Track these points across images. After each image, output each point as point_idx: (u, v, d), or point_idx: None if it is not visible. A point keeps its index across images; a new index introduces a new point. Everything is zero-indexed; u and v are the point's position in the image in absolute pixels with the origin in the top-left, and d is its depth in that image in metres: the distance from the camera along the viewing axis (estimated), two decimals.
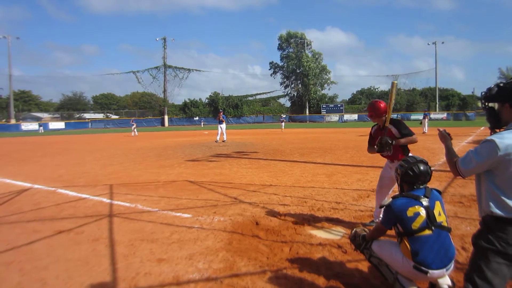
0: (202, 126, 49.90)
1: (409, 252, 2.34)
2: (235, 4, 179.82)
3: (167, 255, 3.48)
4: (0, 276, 3.14)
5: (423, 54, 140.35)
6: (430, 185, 2.60)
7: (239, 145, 16.27)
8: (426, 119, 22.96)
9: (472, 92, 63.28)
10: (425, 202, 2.38)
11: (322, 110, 60.14)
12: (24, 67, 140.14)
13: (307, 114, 61.42)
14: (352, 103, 66.60)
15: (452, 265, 2.35)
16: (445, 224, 2.38)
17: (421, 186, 2.51)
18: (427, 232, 2.31)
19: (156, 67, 57.88)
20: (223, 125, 18.47)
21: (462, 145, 14.06)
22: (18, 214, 5.19)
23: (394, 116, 4.41)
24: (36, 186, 7.43)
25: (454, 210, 4.81)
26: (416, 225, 2.31)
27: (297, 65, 62.26)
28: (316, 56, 62.75)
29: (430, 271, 2.26)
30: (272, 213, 4.84)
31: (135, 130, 30.25)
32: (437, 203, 2.43)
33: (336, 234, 4.01)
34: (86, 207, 5.50)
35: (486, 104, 1.88)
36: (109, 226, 4.47)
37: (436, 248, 2.29)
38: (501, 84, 1.81)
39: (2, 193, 6.71)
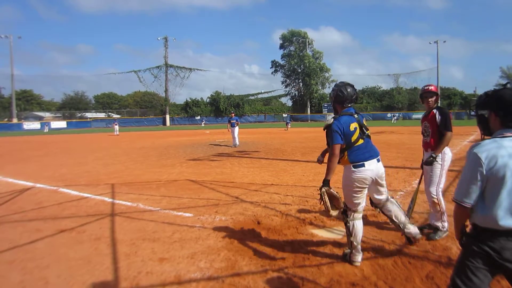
0: (203, 125, 49.96)
1: (347, 161, 3.03)
2: (223, 3, 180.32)
3: (169, 254, 3.48)
4: (2, 274, 3.15)
5: (419, 53, 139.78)
6: None
7: (241, 145, 16.26)
8: None
9: (474, 91, 63.06)
10: (356, 116, 3.07)
11: (323, 109, 60.00)
12: (21, 66, 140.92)
13: (309, 113, 61.35)
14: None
15: (380, 159, 3.12)
16: (370, 135, 3.14)
17: (350, 105, 3.12)
18: (360, 141, 3.04)
19: (158, 67, 57.89)
20: (235, 129, 16.12)
21: (464, 144, 14.01)
22: (20, 213, 5.21)
23: (397, 114, 4.29)
24: (38, 185, 7.45)
25: None
26: (354, 138, 3.01)
27: (298, 64, 62.20)
28: (317, 56, 62.72)
29: (365, 162, 2.98)
30: (273, 213, 4.84)
31: (117, 130, 31.02)
32: (364, 120, 3.16)
33: (337, 233, 4.00)
34: (88, 206, 5.51)
35: (477, 111, 1.88)
36: (110, 225, 4.48)
37: (367, 151, 3.04)
38: (489, 93, 1.82)
39: (4, 192, 6.74)
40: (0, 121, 51.42)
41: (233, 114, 17.74)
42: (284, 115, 55.19)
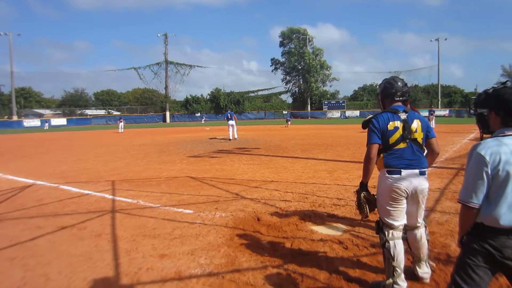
0: (203, 122, 49.96)
1: (382, 164, 2.61)
2: (218, 0, 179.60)
3: (169, 251, 3.50)
4: (4, 271, 3.17)
5: (418, 51, 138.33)
6: (431, 182, 2.61)
7: (241, 141, 16.27)
8: (433, 116, 22.97)
9: (475, 89, 62.88)
10: (403, 116, 2.62)
11: (324, 107, 59.97)
12: (18, 63, 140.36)
13: (309, 111, 61.30)
14: (354, 99, 66.42)
15: (425, 172, 2.61)
16: (420, 141, 2.62)
17: (401, 99, 2.73)
18: (402, 145, 2.58)
19: (158, 63, 57.78)
20: (232, 122, 17.49)
21: (464, 142, 13.99)
22: (21, 210, 5.23)
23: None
24: (38, 182, 7.47)
25: (456, 207, 4.81)
26: (393, 138, 2.58)
27: (298, 61, 62.05)
28: (317, 53, 62.57)
29: (403, 170, 2.53)
30: (273, 209, 4.86)
31: (122, 127, 30.19)
32: (417, 121, 2.65)
33: (337, 230, 4.02)
34: (89, 203, 5.53)
35: (476, 110, 1.88)
36: (111, 222, 4.50)
37: (406, 158, 2.56)
38: (489, 92, 1.82)
39: (5, 190, 6.76)
40: (0, 118, 51.40)
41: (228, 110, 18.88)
42: (284, 112, 55.17)
